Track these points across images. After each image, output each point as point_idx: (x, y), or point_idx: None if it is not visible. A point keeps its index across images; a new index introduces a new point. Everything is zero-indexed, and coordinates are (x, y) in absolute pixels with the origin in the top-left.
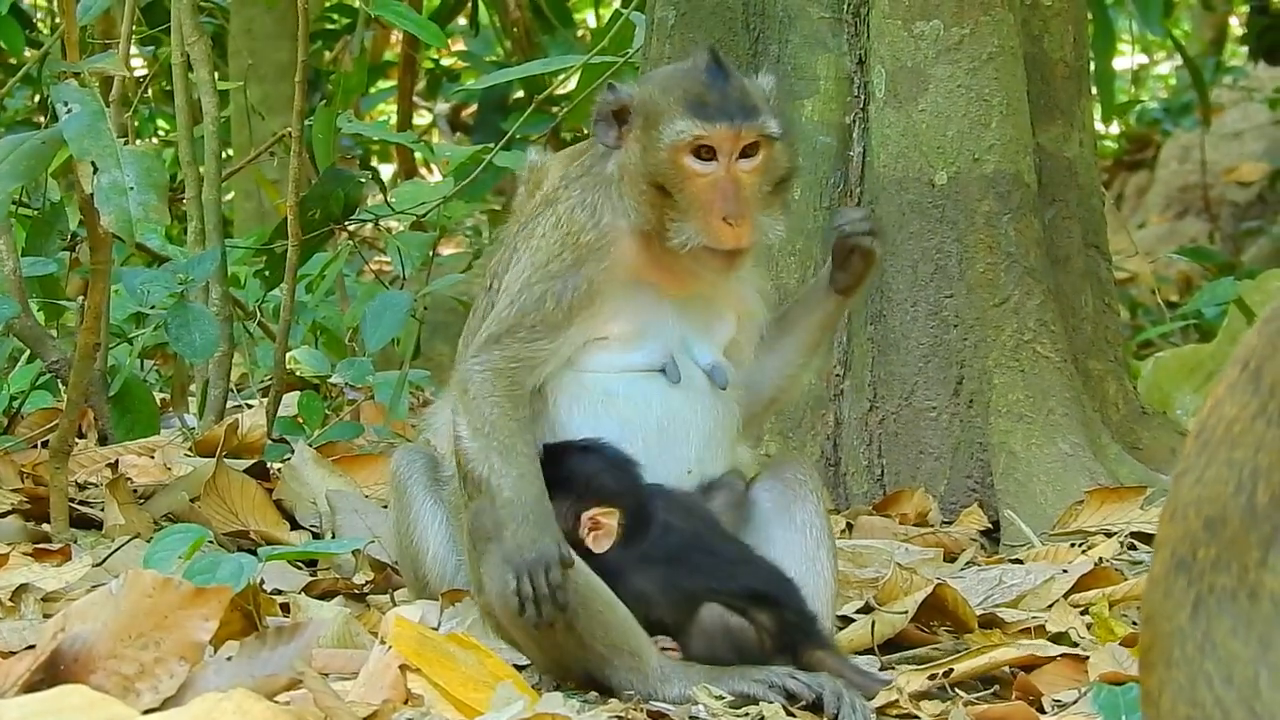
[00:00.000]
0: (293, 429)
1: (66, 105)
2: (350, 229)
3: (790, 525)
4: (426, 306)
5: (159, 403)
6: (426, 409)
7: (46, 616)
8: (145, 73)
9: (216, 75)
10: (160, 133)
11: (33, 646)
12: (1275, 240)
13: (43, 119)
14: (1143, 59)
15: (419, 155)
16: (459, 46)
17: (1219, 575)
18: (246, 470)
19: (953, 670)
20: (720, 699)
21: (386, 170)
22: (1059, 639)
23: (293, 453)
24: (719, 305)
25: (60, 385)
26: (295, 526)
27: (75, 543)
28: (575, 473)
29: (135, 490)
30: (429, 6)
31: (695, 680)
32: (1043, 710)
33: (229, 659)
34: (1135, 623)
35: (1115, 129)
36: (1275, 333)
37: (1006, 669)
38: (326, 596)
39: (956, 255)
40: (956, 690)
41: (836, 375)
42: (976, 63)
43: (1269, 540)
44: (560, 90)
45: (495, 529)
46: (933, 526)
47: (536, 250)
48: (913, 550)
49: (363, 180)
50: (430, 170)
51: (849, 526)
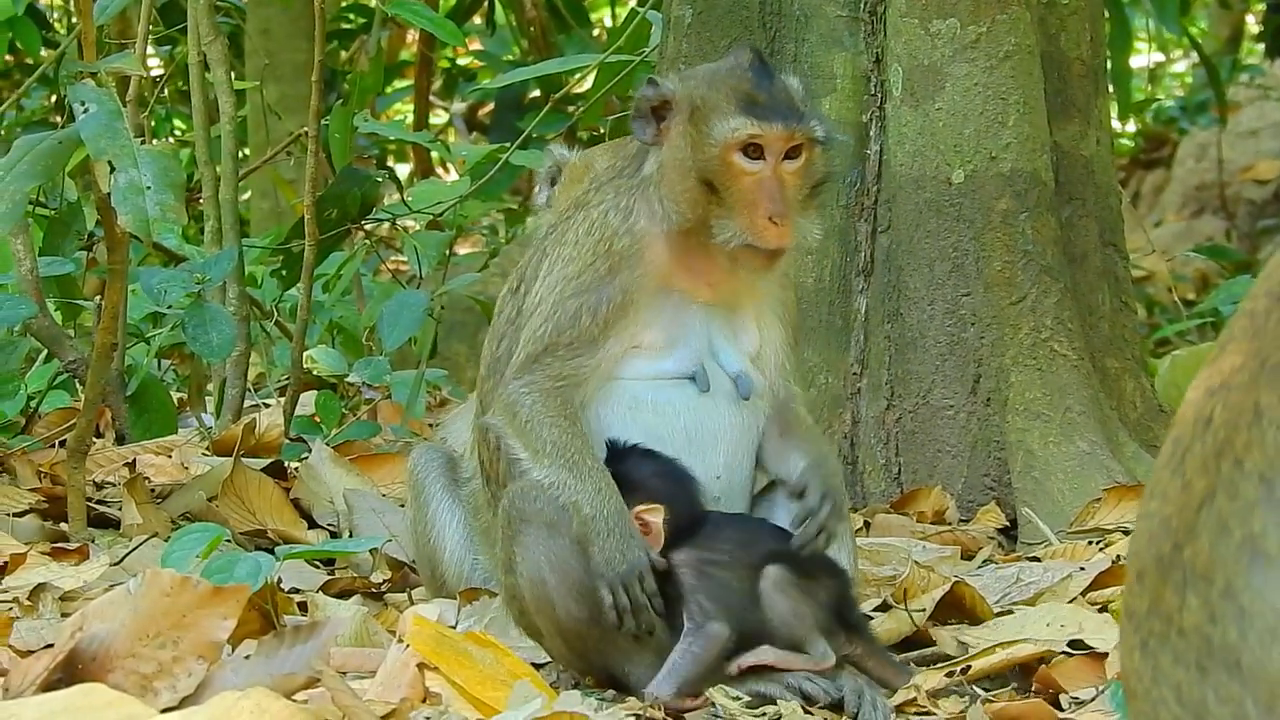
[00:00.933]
0: (310, 428)
1: (83, 105)
2: (367, 228)
3: None
4: (443, 306)
5: (176, 402)
6: (445, 412)
7: (64, 615)
8: (162, 72)
9: (233, 75)
10: (177, 132)
11: (51, 645)
12: None
13: (60, 119)
14: (1159, 57)
15: (435, 154)
16: (475, 46)
17: (1153, 622)
18: (264, 469)
19: (971, 667)
20: (737, 700)
21: (403, 170)
22: (1074, 642)
23: (310, 452)
24: (745, 312)
25: (78, 385)
26: (313, 525)
27: (93, 542)
28: (621, 474)
29: (153, 489)
30: (445, 6)
31: (711, 694)
32: (1060, 707)
33: (247, 658)
34: None
35: (1132, 127)
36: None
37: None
38: (344, 595)
39: (973, 254)
40: (976, 686)
41: (854, 374)
42: (993, 61)
43: (1181, 586)
44: (576, 89)
45: (581, 544)
46: (950, 525)
47: (569, 260)
48: (930, 548)
49: (379, 180)
50: (446, 169)
51: (866, 525)
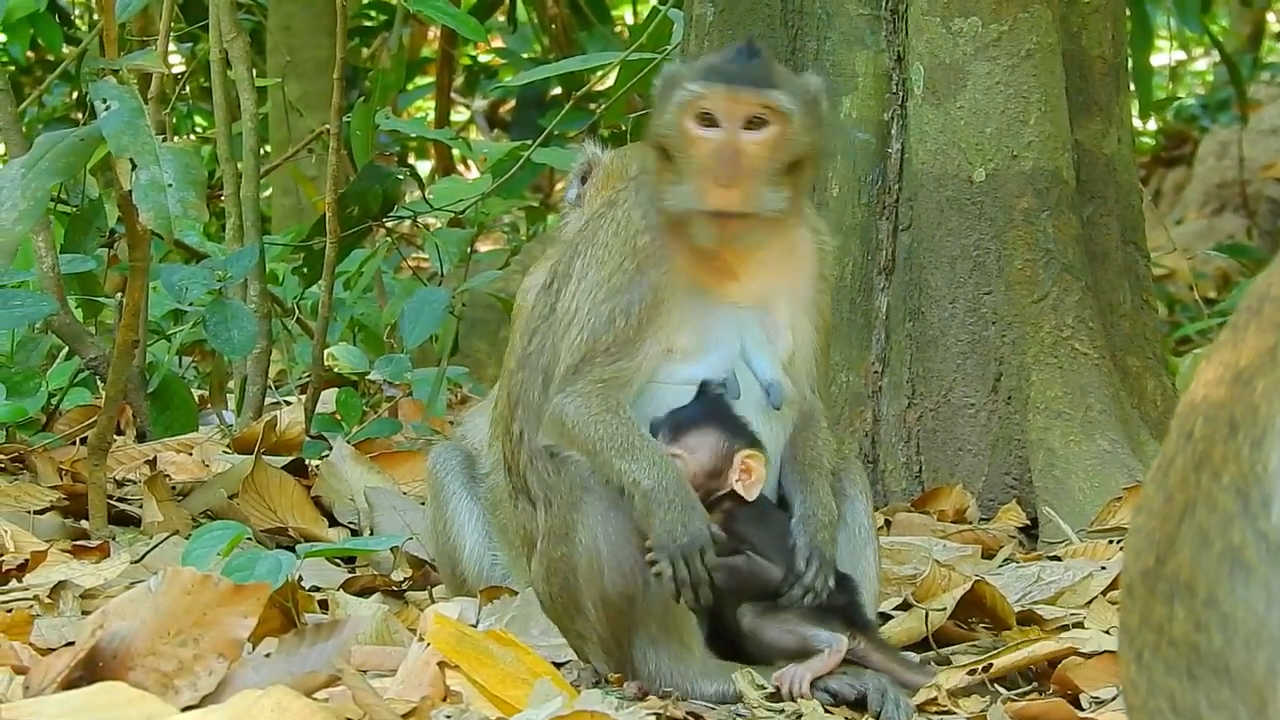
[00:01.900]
0: (331, 426)
1: (105, 102)
2: (388, 226)
3: (839, 524)
4: (465, 303)
5: (197, 400)
6: (466, 409)
7: (85, 613)
8: (183, 69)
9: (255, 72)
10: (198, 130)
11: (72, 643)
12: None
13: (81, 116)
14: (1180, 55)
15: (457, 152)
16: (497, 43)
17: (1145, 634)
18: (285, 467)
19: (992, 665)
20: (761, 688)
21: (424, 167)
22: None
23: (331, 449)
24: (779, 315)
25: (99, 382)
26: (333, 523)
27: (114, 540)
28: (728, 414)
29: (173, 487)
30: (467, 2)
31: (735, 677)
32: (1080, 707)
33: (267, 656)
34: None
35: (1153, 125)
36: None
37: (1045, 664)
38: (365, 593)
39: (995, 252)
40: (996, 686)
41: (875, 372)
42: (1015, 59)
43: (1169, 597)
44: (598, 87)
45: (642, 519)
46: (971, 523)
47: (600, 263)
48: (951, 547)
49: (401, 177)
50: (468, 167)
51: (887, 523)
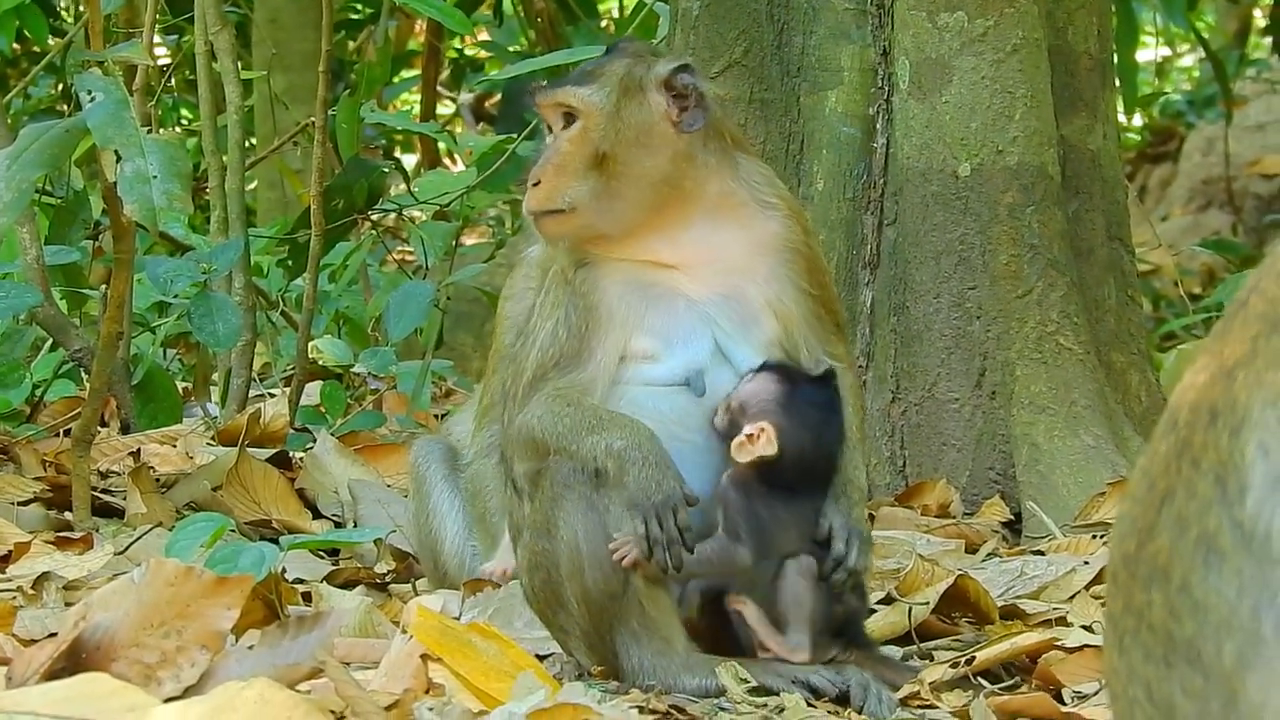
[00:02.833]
0: (315, 418)
1: (90, 94)
2: (373, 219)
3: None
4: (450, 296)
5: (181, 392)
6: (450, 403)
7: (68, 605)
8: (169, 61)
9: (240, 64)
10: (183, 122)
11: (55, 634)
12: None
13: (66, 107)
14: (1166, 51)
15: (442, 145)
16: (483, 36)
17: (1127, 620)
18: (269, 459)
19: (975, 659)
20: (744, 682)
21: (410, 160)
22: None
23: (315, 442)
24: (751, 300)
25: (83, 374)
26: (317, 516)
27: (97, 531)
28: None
29: (157, 479)
30: None
31: (718, 671)
32: (1063, 701)
33: (250, 648)
34: None
35: (1139, 121)
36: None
37: (1027, 658)
38: (348, 586)
39: (980, 247)
40: (979, 680)
41: (859, 367)
42: (1001, 54)
43: (1147, 582)
44: None
45: (616, 479)
46: (954, 518)
47: (528, 277)
48: (934, 542)
49: (386, 170)
50: (453, 160)
51: (871, 517)
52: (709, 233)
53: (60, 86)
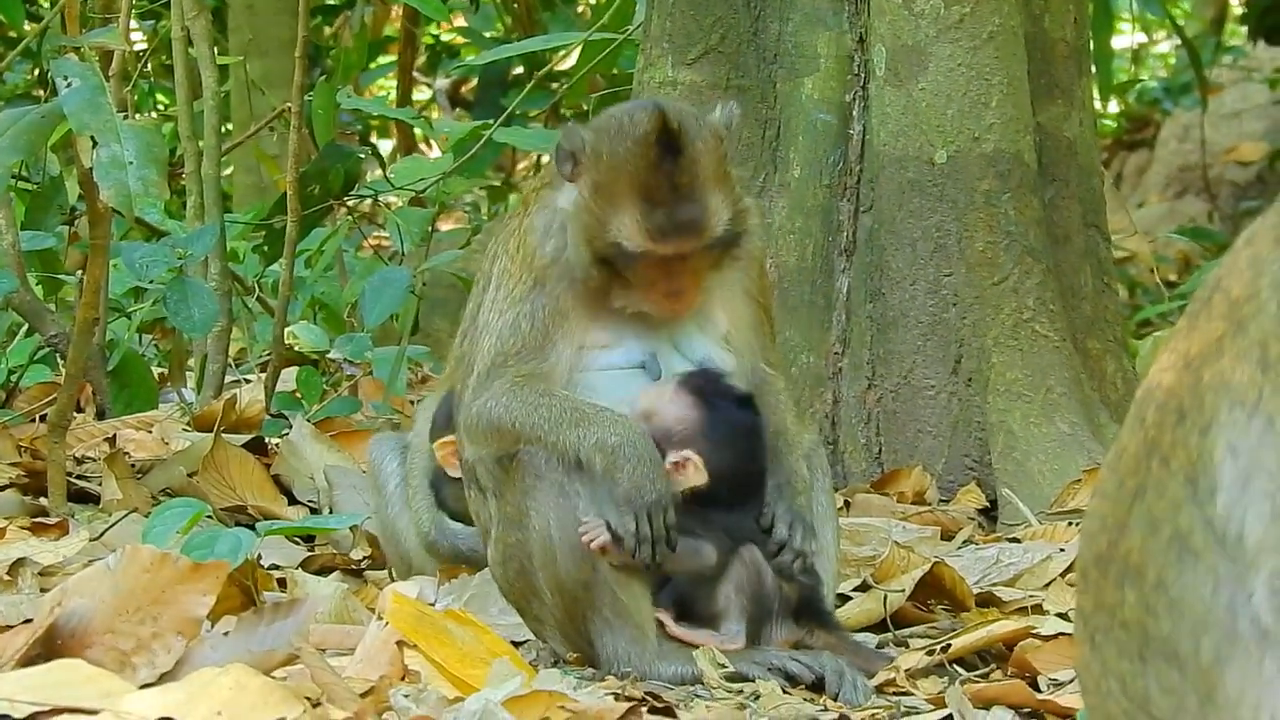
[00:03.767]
0: (291, 404)
1: (66, 79)
2: (349, 204)
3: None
4: (425, 282)
5: (157, 377)
6: (426, 389)
7: (44, 591)
8: (145, 47)
9: (216, 50)
10: (160, 107)
11: (30, 620)
12: None
13: (43, 93)
14: (1142, 38)
15: (418, 131)
16: (459, 22)
17: (1099, 617)
18: (244, 445)
19: (951, 646)
20: (721, 667)
21: (386, 146)
22: (1057, 618)
23: (291, 428)
24: (707, 300)
25: (59, 359)
26: (293, 502)
27: (73, 517)
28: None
29: (133, 465)
30: None
31: (694, 659)
32: (1038, 688)
33: (226, 634)
34: None
35: (1115, 108)
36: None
37: (1003, 646)
38: (324, 572)
39: (956, 234)
40: (955, 666)
41: (835, 353)
42: (977, 41)
43: (1120, 580)
44: (560, 66)
45: (604, 474)
46: (930, 505)
47: (507, 273)
48: (910, 529)
49: (362, 156)
50: (430, 146)
51: (847, 504)
52: None
53: (36, 72)
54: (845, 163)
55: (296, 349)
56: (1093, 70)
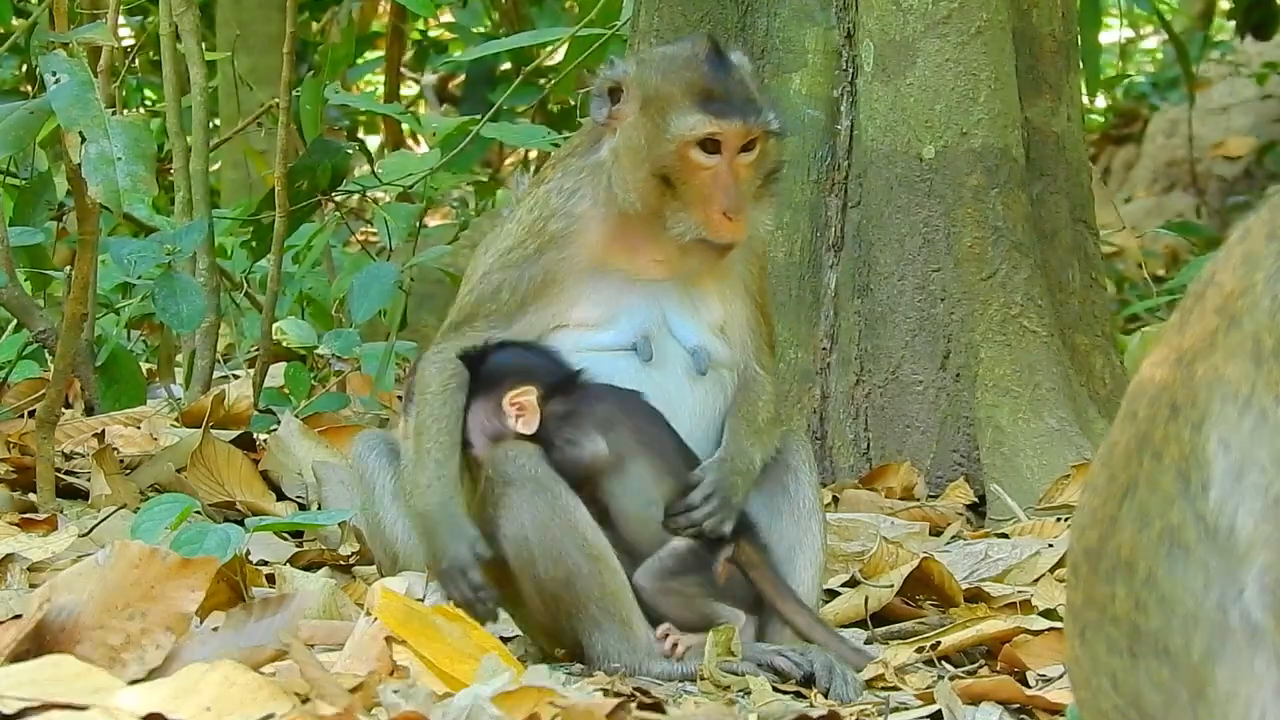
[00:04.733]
0: (279, 400)
1: (54, 75)
2: (337, 200)
3: (783, 495)
4: (413, 278)
5: (145, 373)
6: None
7: (33, 586)
8: (133, 43)
9: (204, 46)
10: (148, 103)
11: (19, 616)
12: None
13: (30, 89)
14: (1130, 33)
15: (406, 126)
16: (447, 18)
17: (1089, 612)
18: (233, 441)
19: (940, 643)
20: (731, 655)
21: (374, 141)
22: (1045, 614)
23: (279, 424)
24: (705, 286)
25: (47, 355)
26: (281, 497)
27: (61, 513)
28: (487, 370)
29: (121, 460)
30: None
31: (709, 635)
32: (1027, 684)
33: (215, 630)
34: None
35: (1102, 103)
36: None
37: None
38: (312, 568)
39: (944, 229)
40: (944, 662)
41: (823, 349)
42: (965, 37)
43: (1110, 575)
44: (548, 62)
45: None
46: (919, 500)
47: (508, 235)
48: (899, 524)
49: (350, 151)
50: (417, 141)
51: (835, 500)
52: None
53: (24, 68)
54: (833, 158)
55: (284, 344)
56: (1080, 65)
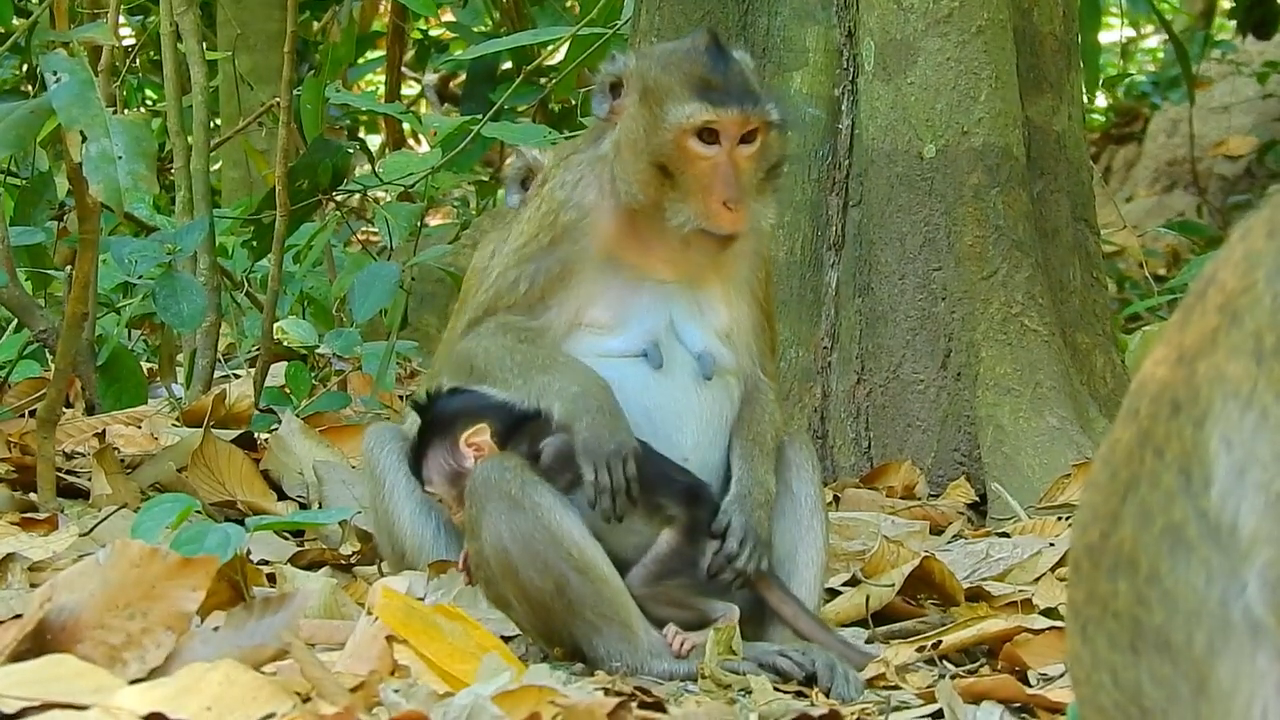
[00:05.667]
0: (280, 399)
1: (55, 74)
2: (338, 199)
3: (786, 494)
4: (414, 277)
5: (146, 372)
6: (415, 384)
7: (33, 586)
8: (134, 42)
9: (205, 45)
10: (149, 102)
11: (20, 616)
12: None
13: (31, 88)
14: (1130, 32)
15: (407, 126)
16: (448, 17)
17: (1091, 608)
18: (234, 440)
19: (941, 642)
20: (733, 654)
21: (374, 141)
22: (1046, 613)
23: (280, 423)
24: (712, 289)
25: (48, 354)
26: (282, 497)
27: (62, 512)
28: (439, 414)
29: (122, 460)
30: None
31: (709, 634)
32: (1028, 683)
33: (216, 629)
34: None
35: (1103, 102)
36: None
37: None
38: (313, 567)
39: (945, 228)
40: (944, 662)
41: (824, 348)
42: (966, 36)
43: (1112, 571)
44: (549, 61)
45: (565, 425)
46: (920, 499)
47: (519, 234)
48: (900, 523)
49: (350, 151)
50: (418, 141)
51: (836, 499)
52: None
53: (25, 67)
54: (834, 157)
55: (285, 344)
56: (1081, 64)
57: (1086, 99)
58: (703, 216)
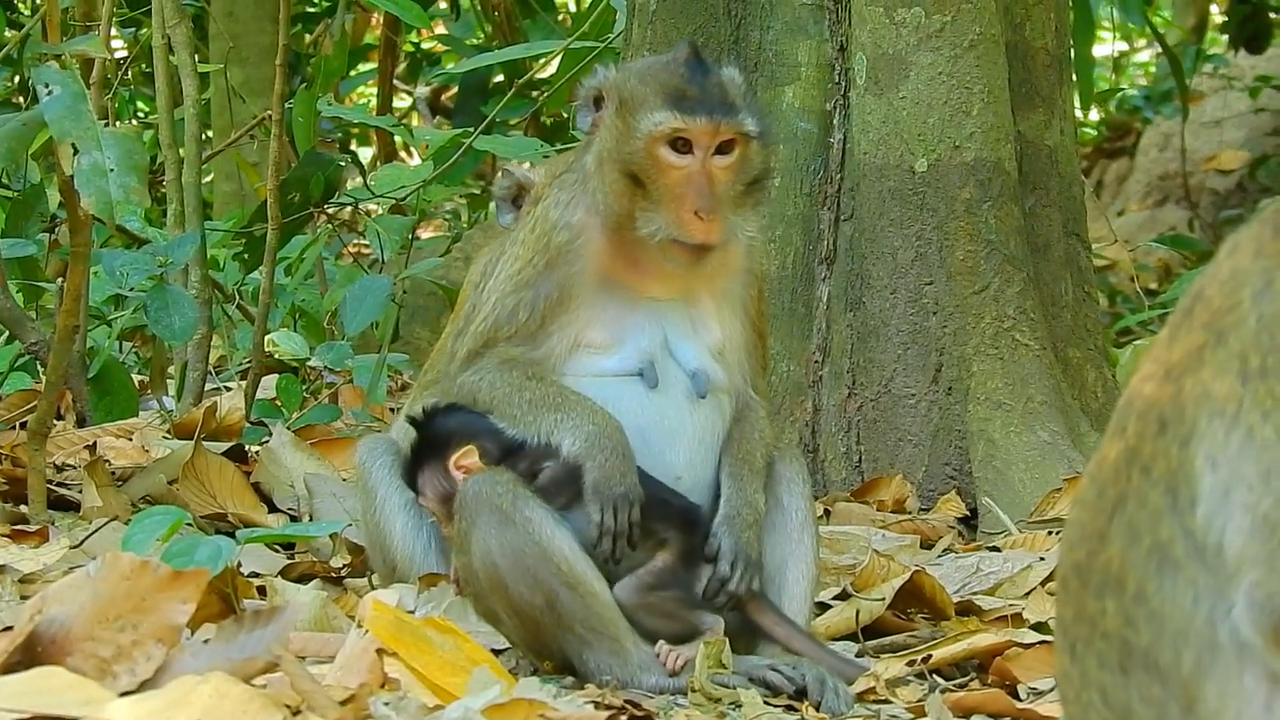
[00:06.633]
0: (271, 412)
1: (47, 87)
2: (330, 212)
3: (776, 508)
4: (406, 290)
5: (137, 385)
6: (406, 397)
7: (24, 598)
8: (126, 55)
9: (197, 58)
10: (140, 115)
11: (10, 628)
12: None
13: (23, 100)
14: (1123, 46)
15: (399, 139)
16: (440, 30)
17: (1079, 628)
18: (224, 453)
19: (931, 656)
20: (723, 668)
21: (366, 153)
22: (1037, 628)
23: (271, 435)
24: (704, 307)
25: (39, 367)
26: (273, 509)
27: (53, 524)
28: (431, 434)
29: (113, 472)
30: None
31: (699, 646)
32: (1018, 697)
33: (206, 642)
34: None
35: (1095, 116)
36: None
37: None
38: (304, 580)
39: (936, 242)
40: (935, 675)
41: (815, 362)
42: (958, 50)
43: (1100, 590)
44: (540, 75)
45: (574, 462)
46: (910, 513)
47: (514, 259)
48: (890, 537)
49: (342, 164)
50: (410, 154)
51: (827, 513)
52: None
53: (17, 79)
54: (826, 171)
55: (277, 356)
56: (1073, 78)
57: (1081, 113)
58: (674, 226)
